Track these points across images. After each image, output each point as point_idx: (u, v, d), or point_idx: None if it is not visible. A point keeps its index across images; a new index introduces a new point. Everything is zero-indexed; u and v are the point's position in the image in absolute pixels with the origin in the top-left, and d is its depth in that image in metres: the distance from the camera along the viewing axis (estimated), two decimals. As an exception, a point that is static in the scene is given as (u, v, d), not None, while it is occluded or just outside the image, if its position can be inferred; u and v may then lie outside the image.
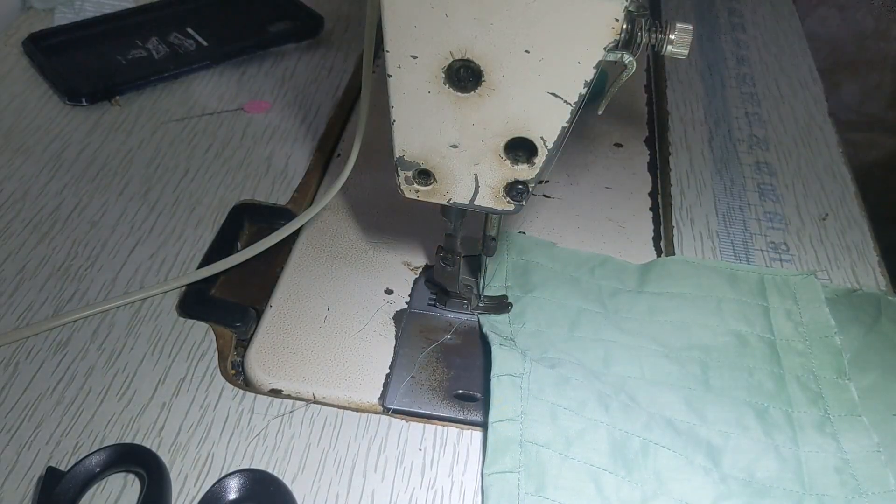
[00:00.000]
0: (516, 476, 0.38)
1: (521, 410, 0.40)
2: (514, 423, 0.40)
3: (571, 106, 0.33)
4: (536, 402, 0.40)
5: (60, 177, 0.56)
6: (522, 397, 0.41)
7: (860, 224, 0.56)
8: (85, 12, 0.72)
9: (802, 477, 0.39)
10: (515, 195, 0.38)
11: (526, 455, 0.39)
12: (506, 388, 0.41)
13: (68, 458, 0.39)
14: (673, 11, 0.79)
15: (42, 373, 0.43)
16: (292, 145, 0.60)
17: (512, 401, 0.40)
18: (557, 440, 0.39)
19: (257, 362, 0.44)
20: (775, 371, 0.44)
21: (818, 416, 0.42)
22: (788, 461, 0.40)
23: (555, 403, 0.41)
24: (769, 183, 0.59)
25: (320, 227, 0.53)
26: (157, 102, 0.64)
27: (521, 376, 0.41)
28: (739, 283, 0.49)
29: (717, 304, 0.47)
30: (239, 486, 0.38)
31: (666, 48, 0.34)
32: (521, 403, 0.40)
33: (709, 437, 0.40)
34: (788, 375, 0.44)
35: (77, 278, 0.49)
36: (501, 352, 0.43)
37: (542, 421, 0.40)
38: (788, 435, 0.41)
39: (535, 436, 0.39)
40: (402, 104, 0.35)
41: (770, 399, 0.43)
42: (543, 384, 0.41)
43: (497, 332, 0.45)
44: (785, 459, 0.40)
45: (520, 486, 0.37)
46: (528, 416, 0.40)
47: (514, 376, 0.41)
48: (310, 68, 0.69)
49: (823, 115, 0.67)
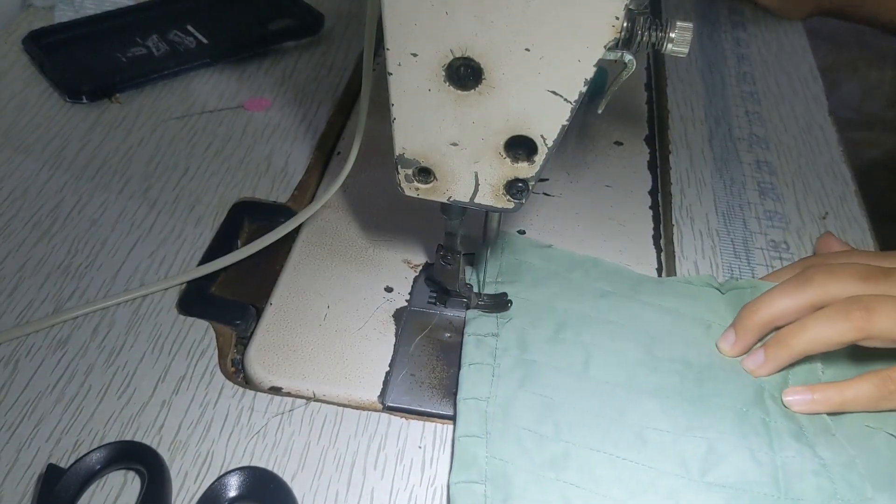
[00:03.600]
0: (482, 486, 0.38)
1: (486, 431, 0.40)
2: (479, 440, 0.40)
3: (572, 104, 0.33)
4: (501, 426, 0.40)
5: (60, 175, 0.56)
6: (488, 420, 0.41)
7: (860, 223, 0.56)
8: (85, 10, 0.72)
9: (779, 481, 0.39)
10: (515, 193, 0.38)
11: (492, 468, 0.39)
12: (471, 412, 0.41)
13: (68, 456, 0.40)
14: (673, 10, 0.79)
15: (42, 371, 0.43)
16: (292, 143, 0.60)
17: (477, 422, 0.41)
18: (523, 458, 0.39)
19: (257, 360, 0.44)
20: (755, 385, 0.44)
21: (794, 428, 0.41)
22: (765, 465, 0.39)
23: (521, 427, 0.40)
24: (769, 181, 0.59)
25: (320, 225, 0.53)
26: (158, 100, 0.64)
27: (487, 400, 0.42)
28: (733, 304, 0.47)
29: (708, 327, 0.47)
30: (239, 484, 0.38)
31: (666, 46, 0.34)
32: (487, 425, 0.40)
33: (684, 447, 0.40)
34: (766, 392, 0.43)
35: (77, 276, 0.49)
36: (469, 374, 0.43)
37: (508, 441, 0.40)
38: (765, 440, 0.40)
39: (501, 453, 0.39)
40: (403, 102, 0.35)
41: (749, 405, 0.42)
42: (509, 407, 0.41)
43: (480, 331, 0.45)
44: (761, 464, 0.39)
45: (486, 496, 0.37)
46: (493, 436, 0.40)
47: (480, 400, 0.41)
48: (310, 66, 0.69)
49: (823, 114, 0.67)
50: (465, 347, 0.44)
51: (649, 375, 0.43)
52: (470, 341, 0.45)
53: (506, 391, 0.42)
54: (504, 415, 0.41)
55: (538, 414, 0.41)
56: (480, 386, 0.42)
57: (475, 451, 0.39)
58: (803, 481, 0.38)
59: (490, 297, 0.47)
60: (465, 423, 0.40)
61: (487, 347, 0.44)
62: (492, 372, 0.43)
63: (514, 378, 0.43)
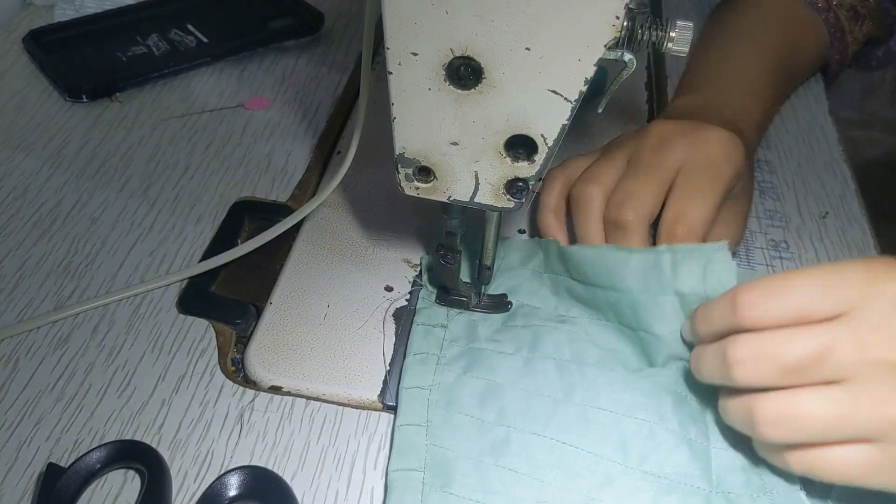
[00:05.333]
0: (421, 474, 0.38)
1: (426, 419, 0.41)
2: (420, 429, 0.40)
3: (572, 103, 0.33)
4: (444, 413, 0.41)
5: (60, 173, 0.56)
6: (430, 408, 0.41)
7: (860, 222, 0.56)
8: (85, 9, 0.72)
9: (711, 475, 0.39)
10: (515, 192, 0.38)
11: (432, 456, 0.39)
12: (414, 401, 0.41)
13: (68, 455, 0.40)
14: (673, 9, 0.79)
15: (42, 369, 0.43)
16: (292, 142, 0.60)
17: (419, 411, 0.41)
18: (464, 445, 0.39)
19: (257, 359, 0.44)
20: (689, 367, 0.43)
21: None
22: (699, 457, 0.39)
23: (464, 413, 0.41)
24: (769, 181, 0.59)
25: (320, 225, 0.53)
26: (158, 99, 0.64)
27: (430, 388, 0.42)
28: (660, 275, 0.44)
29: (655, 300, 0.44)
30: (239, 483, 0.38)
31: (666, 46, 0.34)
32: (427, 414, 0.41)
33: (625, 428, 0.40)
34: None
35: (77, 275, 0.49)
36: (414, 363, 0.43)
37: (449, 428, 0.40)
38: (701, 429, 0.40)
39: (441, 441, 0.40)
40: (403, 101, 0.35)
41: (688, 388, 0.42)
42: (453, 394, 0.41)
43: (429, 321, 0.45)
44: (696, 455, 0.39)
45: (424, 483, 0.38)
46: (434, 424, 0.40)
47: (423, 389, 0.42)
48: (310, 65, 0.69)
49: (824, 113, 0.67)
50: (411, 337, 0.45)
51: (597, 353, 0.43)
52: (418, 331, 0.45)
53: (449, 378, 0.42)
54: (447, 402, 0.41)
55: (481, 399, 0.41)
56: (424, 375, 0.43)
57: (415, 440, 0.40)
58: (733, 475, 0.39)
59: (490, 298, 0.47)
60: (406, 412, 0.41)
61: (434, 338, 0.45)
62: (437, 361, 0.43)
63: (459, 366, 0.43)
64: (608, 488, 0.38)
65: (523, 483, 0.38)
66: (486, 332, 0.45)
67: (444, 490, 0.38)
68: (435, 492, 0.38)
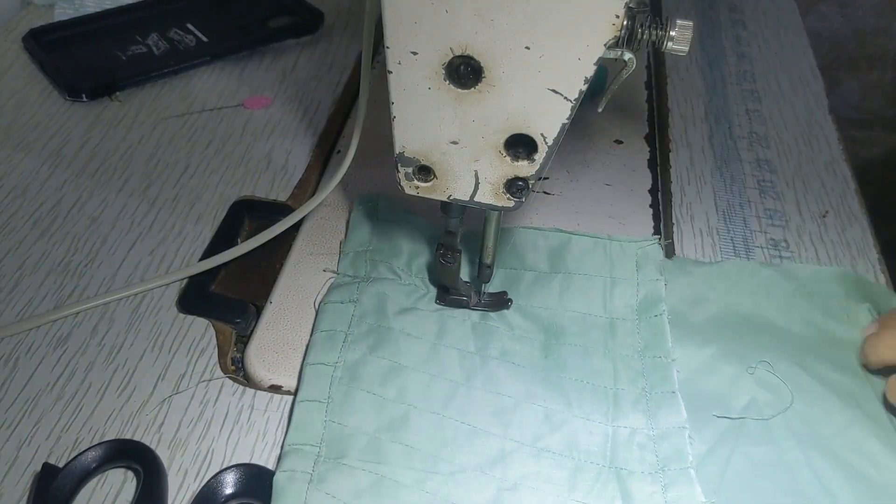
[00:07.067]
0: (316, 448, 0.39)
1: (328, 395, 0.41)
2: (321, 405, 0.41)
3: (571, 102, 0.33)
4: (346, 389, 0.41)
5: (60, 173, 0.56)
6: (332, 385, 0.42)
7: (860, 221, 0.56)
8: (85, 8, 0.72)
9: (606, 451, 0.40)
10: (515, 192, 0.38)
11: (329, 432, 0.40)
12: (317, 376, 0.42)
13: (68, 454, 0.40)
14: (673, 8, 0.79)
15: (42, 368, 0.43)
16: (292, 141, 0.60)
17: (321, 387, 0.41)
18: (362, 421, 0.40)
19: (257, 358, 0.44)
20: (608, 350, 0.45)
21: (636, 393, 0.42)
22: (596, 435, 0.41)
23: (365, 390, 0.41)
24: (769, 180, 0.59)
25: (320, 224, 0.53)
26: (158, 98, 0.64)
27: (335, 365, 0.42)
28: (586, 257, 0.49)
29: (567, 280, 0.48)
30: (235, 481, 0.38)
31: (666, 45, 0.34)
32: (330, 390, 0.41)
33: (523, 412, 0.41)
34: (617, 354, 0.44)
35: (77, 274, 0.49)
36: (319, 339, 0.44)
37: (350, 404, 0.41)
38: (604, 410, 0.42)
39: (340, 417, 0.40)
40: (403, 100, 0.35)
41: (597, 377, 0.43)
42: (357, 371, 0.42)
43: (339, 299, 0.46)
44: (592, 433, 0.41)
45: (318, 456, 0.39)
46: (334, 401, 0.41)
47: (327, 365, 0.42)
48: (310, 64, 0.69)
49: (824, 113, 0.67)
50: (319, 315, 0.45)
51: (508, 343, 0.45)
52: (327, 309, 0.45)
53: (355, 356, 0.43)
54: (350, 379, 0.42)
55: (384, 378, 0.42)
56: (330, 352, 0.43)
57: (313, 416, 0.40)
58: (629, 452, 0.40)
59: (490, 296, 0.47)
60: (308, 388, 0.41)
61: (343, 315, 0.45)
62: (343, 339, 0.44)
63: (366, 344, 0.44)
64: (501, 464, 0.39)
65: (418, 457, 0.39)
66: (394, 308, 0.45)
67: (338, 461, 0.38)
68: (328, 462, 0.38)
